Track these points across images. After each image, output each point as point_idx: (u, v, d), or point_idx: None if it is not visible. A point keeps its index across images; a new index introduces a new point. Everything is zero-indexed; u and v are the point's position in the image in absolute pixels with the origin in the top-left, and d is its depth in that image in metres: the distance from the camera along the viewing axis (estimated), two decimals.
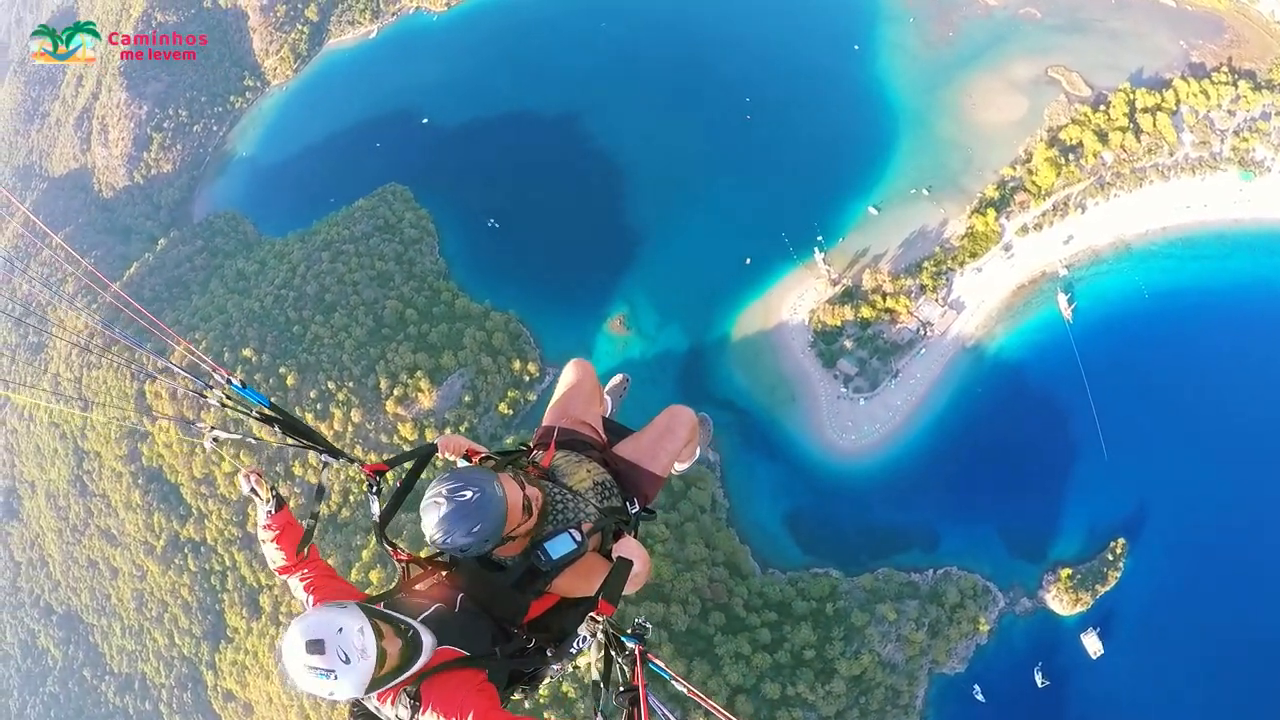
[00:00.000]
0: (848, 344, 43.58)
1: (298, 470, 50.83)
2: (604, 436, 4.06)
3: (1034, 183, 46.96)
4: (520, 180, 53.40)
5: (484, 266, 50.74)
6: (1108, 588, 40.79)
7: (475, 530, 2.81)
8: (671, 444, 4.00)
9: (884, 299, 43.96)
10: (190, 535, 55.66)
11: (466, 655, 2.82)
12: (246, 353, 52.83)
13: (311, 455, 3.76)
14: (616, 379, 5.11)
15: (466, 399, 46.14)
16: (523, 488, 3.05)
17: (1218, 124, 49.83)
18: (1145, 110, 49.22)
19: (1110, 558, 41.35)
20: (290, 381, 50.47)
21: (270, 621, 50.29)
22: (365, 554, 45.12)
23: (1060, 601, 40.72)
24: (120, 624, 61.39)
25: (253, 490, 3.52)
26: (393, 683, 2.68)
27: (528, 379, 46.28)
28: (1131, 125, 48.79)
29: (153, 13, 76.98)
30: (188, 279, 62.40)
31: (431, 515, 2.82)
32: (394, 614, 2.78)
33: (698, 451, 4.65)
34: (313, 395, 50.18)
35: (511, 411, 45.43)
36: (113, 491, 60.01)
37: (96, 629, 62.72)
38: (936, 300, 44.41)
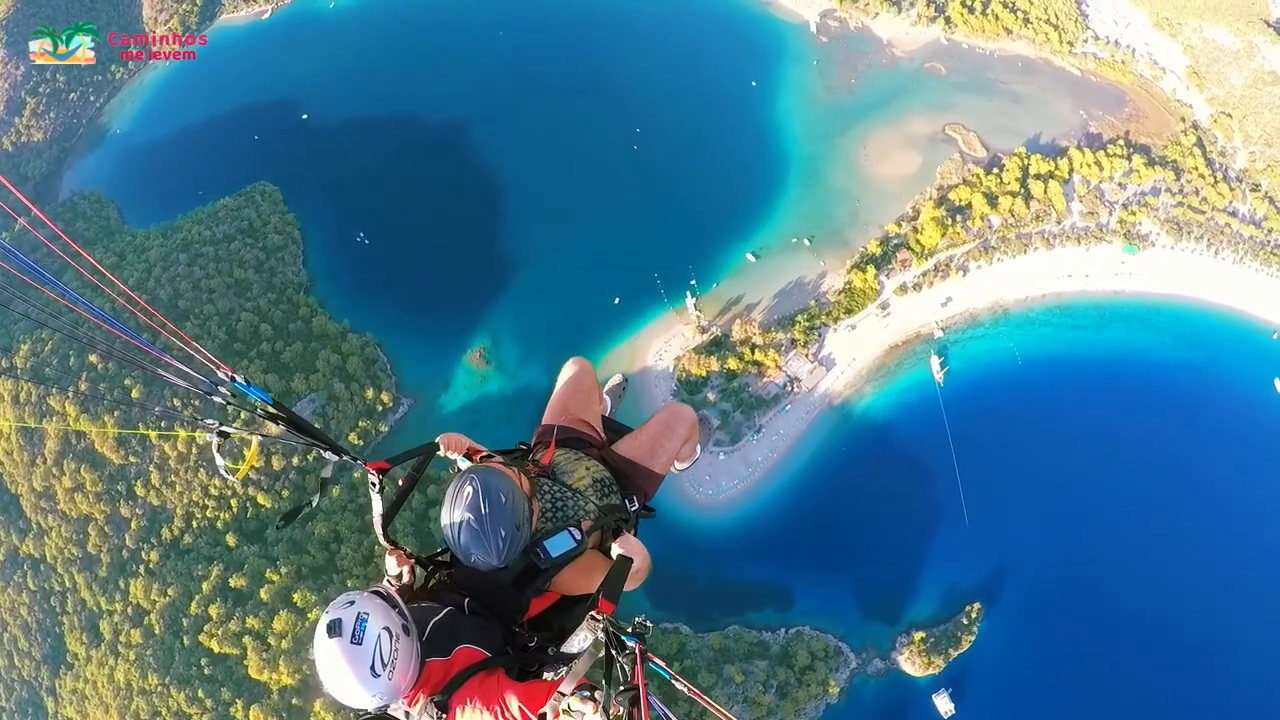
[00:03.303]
0: (711, 396, 42.48)
1: (139, 490, 47.61)
2: (603, 435, 4.06)
3: (918, 241, 46.58)
4: (396, 193, 50.41)
5: (347, 282, 47.77)
6: (961, 650, 41.25)
7: (503, 501, 2.82)
8: (671, 442, 4.00)
9: (752, 351, 42.96)
10: (30, 551, 51.71)
11: (488, 656, 2.88)
12: (92, 359, 48.84)
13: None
14: (616, 379, 5.19)
15: (316, 426, 43.42)
16: (519, 476, 3.12)
17: (1108, 195, 50.43)
18: (1038, 176, 49.37)
19: (965, 621, 41.82)
20: (135, 394, 46.84)
21: (109, 651, 47.07)
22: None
23: (913, 663, 41.00)
24: None
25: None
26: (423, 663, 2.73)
27: (380, 409, 43.81)
28: (1022, 190, 48.89)
29: None
30: (44, 265, 57.15)
31: (470, 534, 2.80)
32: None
33: (698, 450, 4.64)
34: (157, 411, 46.82)
35: (362, 442, 42.96)
36: None
37: None
38: (806, 355, 43.66)
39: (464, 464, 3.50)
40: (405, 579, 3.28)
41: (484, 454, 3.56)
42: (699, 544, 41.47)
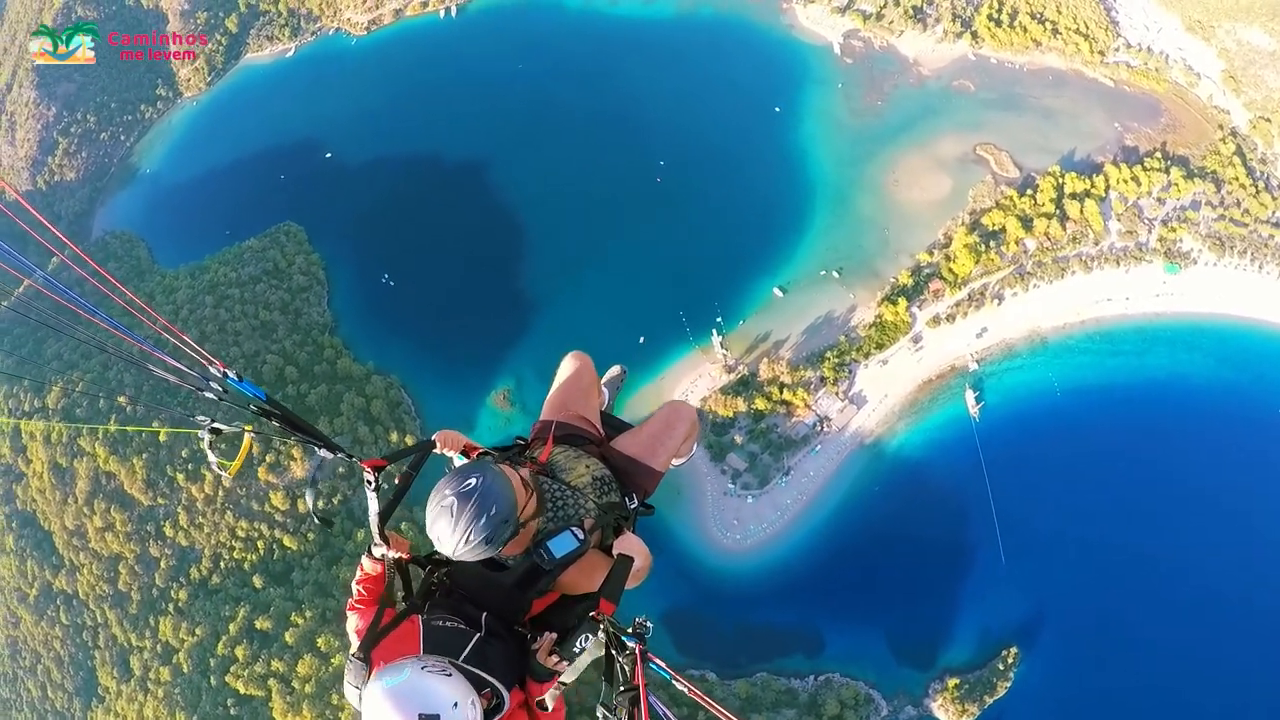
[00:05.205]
0: (739, 438, 41.39)
1: (168, 531, 48.11)
2: (602, 431, 4.04)
3: (951, 270, 45.03)
4: (419, 232, 50.34)
5: (372, 324, 47.74)
6: (997, 697, 39.65)
7: (493, 513, 2.77)
8: (671, 440, 3.98)
9: (781, 391, 41.78)
10: (62, 587, 52.86)
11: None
12: (121, 400, 49.74)
13: None
14: (614, 370, 5.18)
15: (340, 469, 43.43)
16: (517, 471, 3.05)
17: (1146, 212, 48.38)
18: (1073, 196, 47.53)
19: (1001, 667, 40.20)
20: (162, 437, 47.48)
21: (139, 687, 47.59)
22: None
23: (946, 711, 39.54)
24: None
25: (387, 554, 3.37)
26: None
27: None
28: (1058, 211, 47.10)
29: (73, 6, 72.60)
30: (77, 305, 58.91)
31: (444, 520, 2.76)
32: (484, 675, 2.79)
33: (695, 447, 4.64)
34: (184, 455, 47.47)
35: (385, 485, 42.80)
36: None
37: None
38: (836, 394, 42.35)
39: (460, 461, 3.45)
40: (391, 555, 3.19)
41: (481, 451, 3.50)
42: (726, 589, 40.44)
